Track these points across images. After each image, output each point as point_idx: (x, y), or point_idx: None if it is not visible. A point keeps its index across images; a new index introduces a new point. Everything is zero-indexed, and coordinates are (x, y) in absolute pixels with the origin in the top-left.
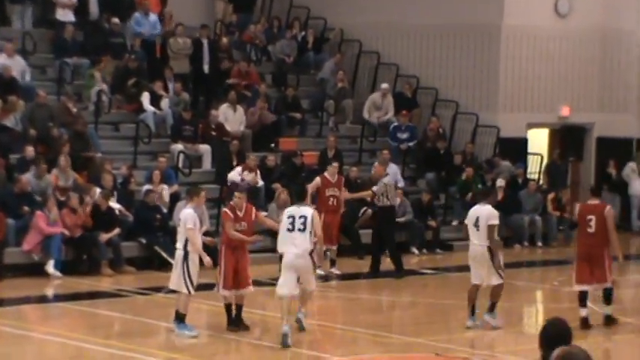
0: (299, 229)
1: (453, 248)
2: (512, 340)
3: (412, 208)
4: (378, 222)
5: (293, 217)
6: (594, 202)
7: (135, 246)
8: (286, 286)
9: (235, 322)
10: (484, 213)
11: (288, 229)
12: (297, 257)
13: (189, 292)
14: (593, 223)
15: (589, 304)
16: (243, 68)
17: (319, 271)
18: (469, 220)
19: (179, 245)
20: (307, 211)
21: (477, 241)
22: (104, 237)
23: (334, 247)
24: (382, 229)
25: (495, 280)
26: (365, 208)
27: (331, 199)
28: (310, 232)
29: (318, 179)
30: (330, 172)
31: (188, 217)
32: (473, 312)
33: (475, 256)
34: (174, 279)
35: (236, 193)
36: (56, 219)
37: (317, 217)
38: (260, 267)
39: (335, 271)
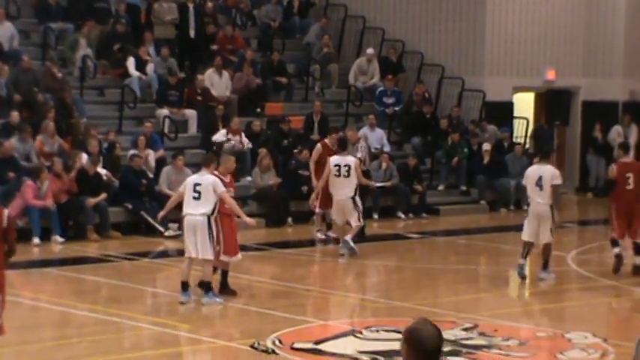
0: (344, 176)
1: (439, 212)
2: (498, 303)
3: (398, 173)
4: None
5: (339, 166)
6: (627, 160)
7: (121, 211)
8: (338, 218)
9: (221, 287)
10: (547, 173)
11: (335, 175)
12: (341, 200)
13: (213, 257)
14: (631, 180)
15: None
16: (228, 33)
17: (320, 235)
18: (529, 180)
19: (203, 211)
20: (351, 160)
21: (542, 200)
22: (91, 201)
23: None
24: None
25: (547, 239)
26: None
27: None
28: (354, 178)
29: (319, 146)
30: (331, 140)
31: (217, 183)
32: (525, 257)
33: (539, 214)
34: (201, 247)
35: (228, 156)
36: (46, 192)
37: (359, 167)
38: (246, 232)
39: (332, 234)
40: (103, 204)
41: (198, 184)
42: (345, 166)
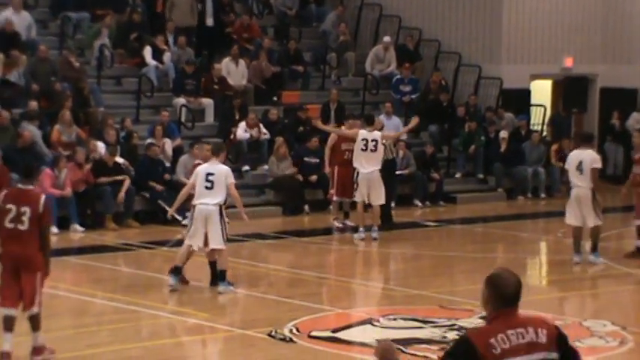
0: (371, 150)
1: (456, 200)
2: None
3: (415, 161)
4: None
5: (366, 140)
6: None
7: (138, 200)
8: (361, 196)
9: (213, 278)
10: (587, 157)
11: (362, 149)
12: (368, 174)
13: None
14: None
15: None
16: (245, 21)
17: (337, 223)
18: (571, 164)
19: (216, 201)
20: (377, 135)
21: (582, 184)
22: (121, 196)
23: (349, 200)
24: (389, 180)
25: (594, 222)
26: None
27: (347, 152)
28: (381, 153)
29: (334, 134)
30: (347, 127)
31: (229, 173)
32: (579, 249)
33: (580, 198)
34: (213, 237)
35: (202, 145)
36: (64, 181)
37: (388, 137)
38: (263, 221)
39: (349, 223)
40: (130, 190)
41: (211, 174)
42: (373, 140)
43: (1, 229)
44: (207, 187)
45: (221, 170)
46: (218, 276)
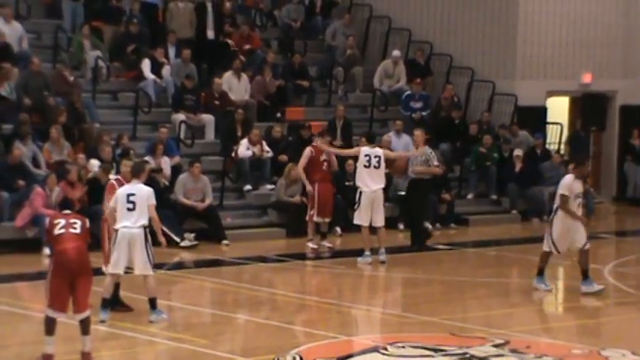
0: (374, 167)
1: (468, 223)
2: (531, 318)
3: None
4: (413, 193)
5: (369, 156)
6: None
7: None
8: (363, 218)
9: (113, 301)
10: (561, 182)
11: (365, 166)
12: (372, 193)
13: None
14: None
15: None
16: (244, 32)
17: (312, 245)
18: None
19: (140, 223)
20: (380, 151)
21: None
22: None
23: (327, 220)
24: (418, 199)
25: (544, 247)
26: None
27: (324, 163)
28: (383, 170)
29: (307, 151)
30: (322, 142)
31: (151, 194)
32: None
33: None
34: (140, 262)
35: (126, 161)
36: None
37: (388, 155)
38: (266, 243)
39: (326, 244)
40: None
41: (132, 194)
42: (376, 157)
43: (51, 237)
44: (129, 209)
45: (142, 191)
46: (149, 304)
